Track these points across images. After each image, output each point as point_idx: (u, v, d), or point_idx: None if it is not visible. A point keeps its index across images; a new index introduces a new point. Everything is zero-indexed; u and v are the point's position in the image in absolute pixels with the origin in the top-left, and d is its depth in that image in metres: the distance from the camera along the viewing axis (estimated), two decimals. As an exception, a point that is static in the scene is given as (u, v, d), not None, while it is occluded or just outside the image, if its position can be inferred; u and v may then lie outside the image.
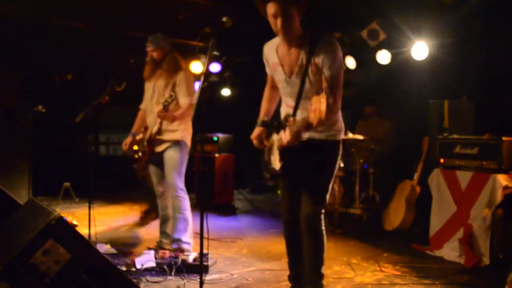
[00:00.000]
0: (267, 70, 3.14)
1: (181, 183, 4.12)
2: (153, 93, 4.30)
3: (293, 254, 3.14)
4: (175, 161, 4.10)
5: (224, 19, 2.91)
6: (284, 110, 3.07)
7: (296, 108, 2.87)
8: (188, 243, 4.10)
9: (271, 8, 2.68)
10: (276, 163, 2.93)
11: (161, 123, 4.20)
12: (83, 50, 6.93)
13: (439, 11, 5.21)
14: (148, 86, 4.39)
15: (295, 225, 3.06)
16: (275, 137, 2.98)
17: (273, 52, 2.96)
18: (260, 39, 3.27)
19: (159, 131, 4.20)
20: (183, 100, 4.12)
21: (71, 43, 6.65)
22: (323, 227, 2.99)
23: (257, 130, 3.10)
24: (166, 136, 4.18)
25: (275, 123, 3.01)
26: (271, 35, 2.95)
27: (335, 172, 3.01)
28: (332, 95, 2.67)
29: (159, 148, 4.22)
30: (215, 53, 6.87)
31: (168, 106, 3.97)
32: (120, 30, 6.63)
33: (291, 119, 2.75)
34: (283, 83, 2.95)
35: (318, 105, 2.33)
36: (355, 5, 5.54)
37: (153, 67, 4.31)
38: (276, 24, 2.71)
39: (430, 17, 5.37)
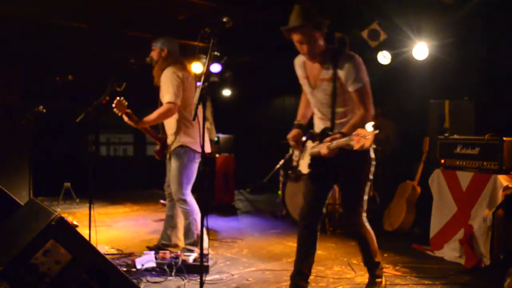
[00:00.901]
0: (301, 82, 3.30)
1: (182, 193, 3.99)
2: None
3: (302, 254, 3.22)
4: (175, 171, 4.02)
5: (225, 19, 2.91)
6: (316, 120, 3.26)
7: (332, 119, 3.06)
8: (191, 251, 4.01)
9: (295, 37, 2.97)
10: (304, 167, 3.14)
11: (163, 127, 4.22)
12: (83, 50, 6.92)
13: (440, 12, 5.21)
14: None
15: (312, 230, 3.20)
16: (309, 143, 3.18)
17: (301, 66, 3.18)
18: (260, 39, 3.28)
19: (165, 135, 4.21)
20: (165, 99, 3.99)
21: (71, 43, 6.65)
22: (365, 226, 3.21)
23: (294, 131, 3.24)
24: (169, 140, 4.17)
25: (314, 133, 3.20)
26: (271, 35, 2.96)
27: (369, 178, 3.16)
28: (362, 106, 2.94)
29: (168, 154, 4.22)
30: (216, 53, 6.87)
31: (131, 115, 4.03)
32: (120, 30, 6.63)
33: (330, 134, 2.94)
34: (310, 95, 3.17)
35: (363, 140, 2.57)
36: (355, 5, 5.54)
37: (155, 75, 4.29)
38: (302, 48, 2.99)
39: (430, 17, 5.37)
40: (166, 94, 3.97)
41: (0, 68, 6.28)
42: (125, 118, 4.11)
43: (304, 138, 3.24)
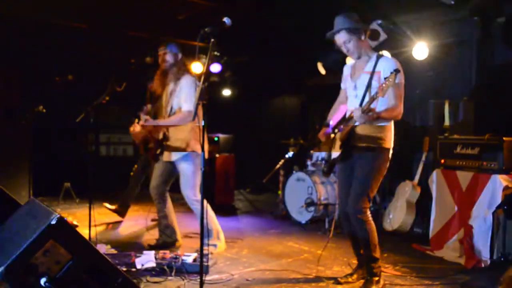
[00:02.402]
0: (342, 85, 3.75)
1: (194, 195, 4.19)
2: (165, 101, 4.31)
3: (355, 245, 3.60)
4: (188, 175, 4.19)
5: (224, 19, 2.91)
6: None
7: (360, 104, 3.35)
8: (213, 245, 4.25)
9: (337, 41, 3.44)
10: (336, 151, 3.53)
11: (167, 129, 4.21)
12: (83, 50, 6.92)
13: (440, 12, 5.21)
14: (163, 94, 4.38)
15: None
16: (338, 134, 3.56)
17: (349, 68, 3.65)
18: (260, 39, 3.29)
19: (165, 137, 4.21)
20: (185, 106, 4.12)
21: (71, 43, 6.64)
22: (368, 217, 3.42)
23: (322, 129, 3.71)
24: (174, 144, 4.18)
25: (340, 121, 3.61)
26: (271, 35, 2.96)
27: (380, 175, 3.41)
28: (394, 100, 3.29)
29: (167, 157, 4.22)
30: (216, 53, 6.87)
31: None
32: (120, 30, 6.62)
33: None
34: (350, 88, 3.53)
35: (385, 85, 3.07)
36: (355, 5, 5.54)
37: (162, 78, 4.30)
38: (346, 49, 3.44)
39: (430, 17, 5.37)
40: (187, 102, 4.09)
41: (0, 68, 6.28)
42: (141, 123, 4.25)
43: (329, 131, 3.63)
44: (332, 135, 3.61)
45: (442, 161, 4.53)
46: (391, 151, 3.45)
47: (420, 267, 3.97)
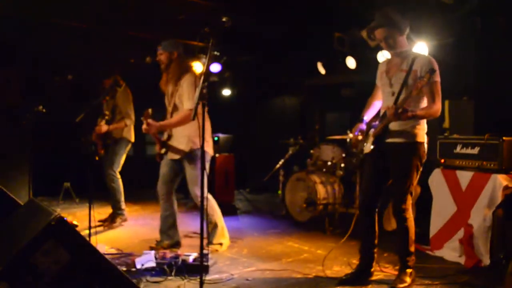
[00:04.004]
0: (377, 82, 3.75)
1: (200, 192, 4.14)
2: (167, 100, 4.31)
3: (365, 244, 3.68)
4: (195, 173, 4.15)
5: (224, 19, 2.91)
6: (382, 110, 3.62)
7: (395, 102, 3.42)
8: (219, 244, 4.30)
9: (377, 35, 3.48)
10: (368, 147, 3.58)
11: (171, 129, 4.22)
12: (83, 50, 6.92)
13: (439, 11, 5.21)
14: (166, 94, 4.38)
15: (371, 217, 3.62)
16: (372, 130, 3.61)
17: (384, 64, 3.67)
18: (260, 39, 3.29)
19: (169, 137, 4.22)
20: (186, 105, 4.11)
21: (71, 43, 6.64)
22: (410, 213, 3.49)
23: (356, 125, 3.71)
24: (178, 143, 4.18)
25: (375, 118, 3.66)
26: (270, 35, 2.96)
27: (417, 170, 3.51)
28: (431, 98, 3.39)
29: (172, 156, 4.22)
30: (215, 53, 6.87)
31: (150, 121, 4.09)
32: (120, 30, 6.62)
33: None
34: (386, 85, 3.55)
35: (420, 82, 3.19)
36: (355, 5, 5.54)
37: (164, 79, 4.31)
38: (386, 45, 3.48)
39: (430, 17, 5.37)
40: (189, 101, 4.06)
41: (0, 68, 6.28)
42: (144, 127, 4.21)
43: (364, 127, 3.67)
44: (368, 131, 3.66)
45: (442, 160, 4.53)
46: (426, 146, 3.54)
47: (420, 266, 3.96)
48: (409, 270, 3.50)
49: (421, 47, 5.33)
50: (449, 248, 4.25)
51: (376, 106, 3.79)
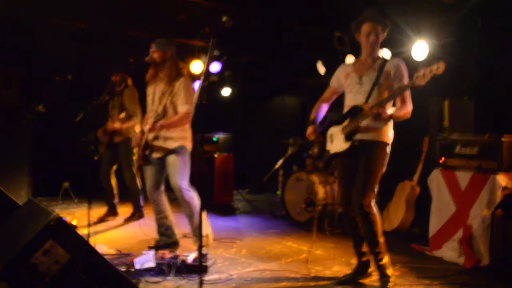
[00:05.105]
0: (334, 83, 3.81)
1: (185, 184, 4.14)
2: (153, 98, 4.27)
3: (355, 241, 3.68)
4: (177, 166, 4.12)
5: (224, 19, 2.92)
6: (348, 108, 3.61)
7: (367, 99, 3.44)
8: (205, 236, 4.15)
9: (365, 29, 3.50)
10: (340, 144, 3.56)
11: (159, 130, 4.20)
12: (83, 50, 6.92)
13: (439, 11, 5.21)
14: (149, 91, 4.34)
15: (352, 217, 3.62)
16: (333, 128, 3.64)
17: (349, 66, 3.70)
18: (260, 39, 3.29)
19: (157, 137, 4.18)
20: (181, 108, 4.10)
21: (71, 43, 6.65)
22: (373, 209, 3.48)
23: (309, 128, 3.76)
24: (164, 144, 4.16)
25: (336, 116, 3.68)
26: (270, 35, 2.96)
27: (382, 168, 3.52)
28: (402, 100, 3.45)
29: (157, 154, 4.21)
30: (215, 52, 6.87)
31: (157, 122, 4.06)
32: (120, 30, 6.62)
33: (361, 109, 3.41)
34: (354, 84, 3.56)
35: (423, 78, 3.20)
36: (355, 5, 5.54)
37: (155, 72, 4.28)
38: (368, 40, 3.50)
39: (430, 16, 5.37)
40: (185, 104, 4.07)
41: (0, 68, 6.28)
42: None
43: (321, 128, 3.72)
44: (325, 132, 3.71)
45: (442, 160, 4.52)
46: (389, 148, 3.55)
47: (419, 267, 3.97)
48: (383, 262, 3.43)
49: (422, 47, 5.33)
50: (449, 248, 4.25)
51: (324, 109, 3.85)
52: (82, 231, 4.20)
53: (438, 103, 5.14)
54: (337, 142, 3.59)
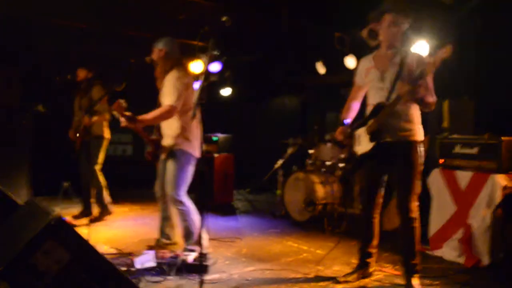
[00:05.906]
0: (357, 80, 3.69)
1: (178, 194, 3.92)
2: (158, 97, 4.28)
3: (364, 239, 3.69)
4: (172, 172, 3.95)
5: (224, 18, 2.92)
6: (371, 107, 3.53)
7: (389, 95, 3.38)
8: (192, 250, 3.95)
9: (386, 20, 3.40)
10: (365, 145, 3.50)
11: (158, 129, 4.20)
12: (83, 50, 6.93)
13: (439, 11, 5.21)
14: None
15: (370, 217, 3.64)
16: (360, 130, 3.55)
17: (369, 60, 3.60)
18: (260, 39, 3.30)
19: (161, 137, 4.19)
20: (164, 100, 3.95)
21: (71, 43, 6.65)
22: (416, 213, 3.45)
23: (339, 129, 3.66)
24: (165, 142, 4.15)
25: (364, 117, 3.57)
26: (270, 34, 2.97)
27: (420, 167, 3.50)
28: (425, 91, 3.36)
29: (163, 155, 4.17)
30: (215, 52, 6.86)
31: (129, 116, 3.86)
32: (120, 30, 6.63)
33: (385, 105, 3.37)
34: (376, 80, 3.48)
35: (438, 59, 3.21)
36: (355, 5, 5.54)
37: (156, 70, 4.27)
38: (389, 31, 3.41)
39: (430, 16, 5.37)
40: (168, 97, 3.90)
41: (0, 68, 6.28)
42: (122, 120, 3.92)
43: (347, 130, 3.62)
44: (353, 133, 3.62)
45: (441, 160, 4.53)
46: (422, 145, 3.53)
47: (419, 266, 3.97)
48: (414, 279, 3.39)
49: (422, 46, 5.33)
50: (449, 247, 4.26)
51: (354, 108, 3.72)
52: (83, 231, 4.20)
53: (438, 103, 5.13)
54: (363, 143, 3.51)
